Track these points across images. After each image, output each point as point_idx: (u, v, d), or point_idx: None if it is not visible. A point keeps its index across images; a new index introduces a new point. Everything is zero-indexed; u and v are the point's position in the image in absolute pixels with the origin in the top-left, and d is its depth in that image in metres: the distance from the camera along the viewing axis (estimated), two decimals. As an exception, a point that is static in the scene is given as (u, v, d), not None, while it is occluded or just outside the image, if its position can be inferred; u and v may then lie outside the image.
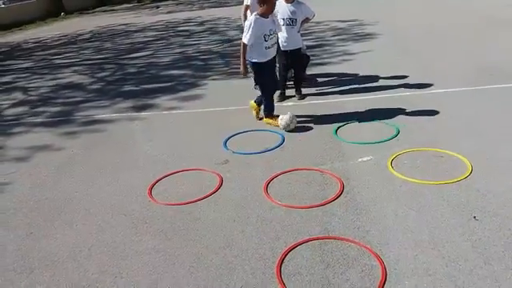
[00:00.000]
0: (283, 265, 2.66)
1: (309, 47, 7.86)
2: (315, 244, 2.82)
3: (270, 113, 4.95)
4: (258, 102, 5.08)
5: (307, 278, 2.53)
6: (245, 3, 5.89)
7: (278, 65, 5.43)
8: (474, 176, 3.41)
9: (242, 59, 4.67)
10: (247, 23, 4.55)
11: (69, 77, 8.39)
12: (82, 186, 3.96)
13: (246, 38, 4.52)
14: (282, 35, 5.40)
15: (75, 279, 2.72)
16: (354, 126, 4.65)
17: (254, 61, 4.67)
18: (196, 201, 3.48)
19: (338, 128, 4.59)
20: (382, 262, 2.57)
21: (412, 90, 5.59)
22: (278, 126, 4.72)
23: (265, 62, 4.67)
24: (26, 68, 9.87)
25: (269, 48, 4.64)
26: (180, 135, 4.94)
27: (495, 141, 3.97)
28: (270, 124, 4.87)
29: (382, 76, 6.24)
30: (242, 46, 4.60)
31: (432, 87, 5.59)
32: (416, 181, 3.42)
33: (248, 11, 5.82)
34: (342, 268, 2.58)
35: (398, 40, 8.59)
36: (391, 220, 2.99)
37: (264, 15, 4.53)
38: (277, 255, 2.74)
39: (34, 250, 3.07)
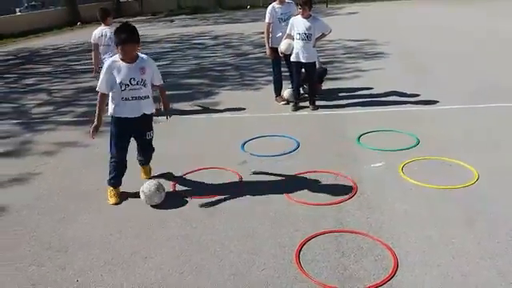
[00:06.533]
0: (301, 253, 2.87)
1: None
2: (331, 236, 3.04)
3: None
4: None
5: (324, 265, 2.74)
6: (266, 21, 6.13)
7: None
8: (480, 183, 3.63)
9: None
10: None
11: (89, 81, 8.71)
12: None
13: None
14: (298, 48, 5.70)
15: (108, 258, 2.94)
16: (373, 135, 4.87)
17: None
18: (218, 195, 3.71)
19: (361, 136, 4.81)
20: (393, 253, 2.78)
21: (422, 105, 5.84)
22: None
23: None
24: (47, 72, 10.24)
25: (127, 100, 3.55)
26: (199, 137, 5.20)
27: (500, 152, 4.20)
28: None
29: (393, 92, 6.50)
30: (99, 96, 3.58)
31: (441, 103, 5.84)
32: (426, 185, 3.65)
33: (270, 28, 6.08)
34: (356, 257, 2.79)
35: (409, 59, 8.89)
36: (402, 218, 3.21)
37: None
38: (295, 244, 2.95)
39: (67, 232, 3.31)
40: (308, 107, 5.99)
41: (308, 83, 6.10)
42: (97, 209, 3.63)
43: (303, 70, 5.93)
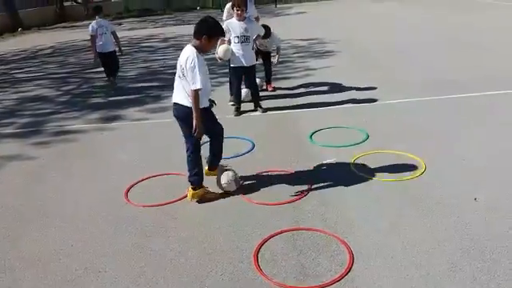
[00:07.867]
0: (259, 254, 2.87)
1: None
2: (288, 235, 3.06)
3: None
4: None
5: (283, 264, 2.75)
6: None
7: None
8: (427, 173, 3.79)
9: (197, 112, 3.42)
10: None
11: (33, 90, 8.30)
12: (56, 191, 4.01)
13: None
14: (238, 52, 5.53)
15: (58, 276, 2.80)
16: (324, 132, 4.95)
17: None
18: (172, 202, 3.63)
19: (313, 133, 4.88)
20: (348, 248, 2.84)
21: (370, 100, 6.01)
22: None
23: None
24: (-14, 82, 9.62)
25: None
26: (151, 143, 5.07)
27: (446, 143, 4.41)
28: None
29: (342, 89, 6.66)
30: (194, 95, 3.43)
31: (388, 98, 6.04)
32: (377, 178, 3.76)
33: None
34: (313, 254, 2.83)
35: (356, 56, 9.15)
36: (356, 212, 3.28)
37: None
38: (253, 246, 2.94)
39: (13, 251, 3.12)
40: (257, 110, 5.90)
41: (251, 87, 5.93)
42: (45, 224, 3.44)
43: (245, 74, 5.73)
